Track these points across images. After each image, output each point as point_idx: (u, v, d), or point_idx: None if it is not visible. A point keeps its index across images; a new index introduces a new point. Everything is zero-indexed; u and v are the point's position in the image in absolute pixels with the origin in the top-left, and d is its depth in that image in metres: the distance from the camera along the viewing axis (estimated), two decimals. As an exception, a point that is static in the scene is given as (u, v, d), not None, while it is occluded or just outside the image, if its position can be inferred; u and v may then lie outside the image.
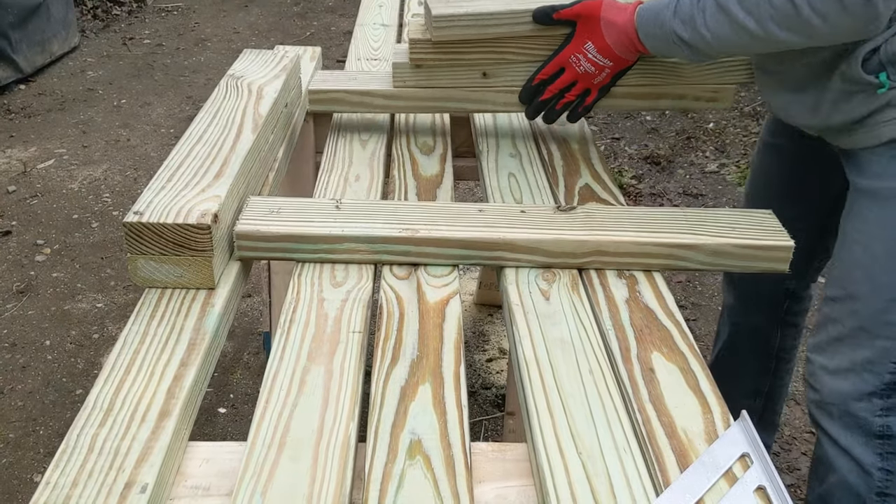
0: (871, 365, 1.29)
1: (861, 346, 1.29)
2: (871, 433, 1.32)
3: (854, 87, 1.21)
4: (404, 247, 1.16)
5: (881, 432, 1.31)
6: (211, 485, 0.85)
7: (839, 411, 1.33)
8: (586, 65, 1.39)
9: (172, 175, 1.17)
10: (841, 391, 1.32)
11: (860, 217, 1.27)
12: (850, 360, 1.31)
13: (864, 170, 1.27)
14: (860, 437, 1.33)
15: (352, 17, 4.24)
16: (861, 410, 1.31)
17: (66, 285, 2.83)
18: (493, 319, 2.71)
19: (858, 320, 1.28)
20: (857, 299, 1.28)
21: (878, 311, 1.27)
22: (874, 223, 1.25)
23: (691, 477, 0.84)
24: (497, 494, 0.86)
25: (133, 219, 1.06)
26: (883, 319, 1.27)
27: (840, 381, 1.32)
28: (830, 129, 1.30)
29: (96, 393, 0.91)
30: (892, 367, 1.28)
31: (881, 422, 1.31)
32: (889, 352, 1.28)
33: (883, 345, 1.27)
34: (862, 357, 1.29)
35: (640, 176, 3.61)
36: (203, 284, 1.08)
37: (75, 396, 2.34)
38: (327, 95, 1.57)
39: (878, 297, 1.26)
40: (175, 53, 5.04)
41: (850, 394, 1.31)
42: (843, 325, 1.30)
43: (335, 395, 0.93)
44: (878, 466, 1.33)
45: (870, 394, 1.30)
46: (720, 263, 1.18)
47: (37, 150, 3.75)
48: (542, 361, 1.00)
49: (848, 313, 1.29)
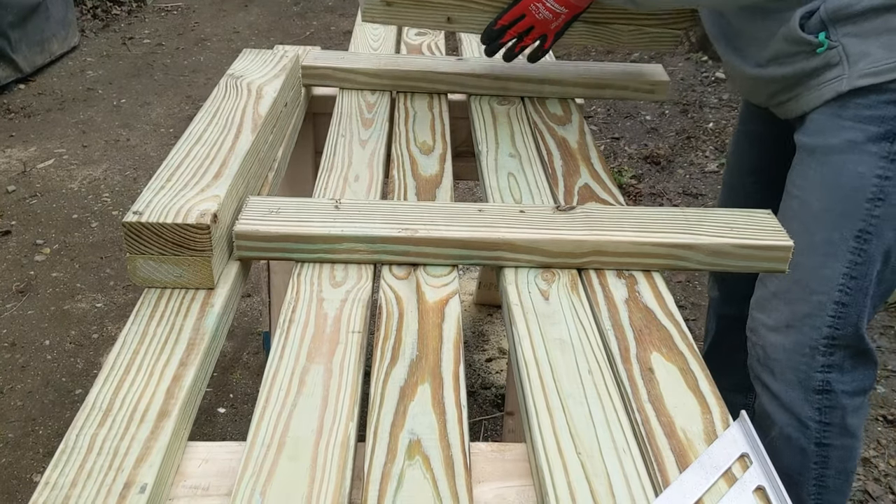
0: (810, 319, 1.31)
1: (799, 300, 1.31)
2: (811, 388, 1.35)
3: (794, 48, 1.25)
4: (403, 247, 1.17)
5: (820, 387, 1.34)
6: (210, 485, 0.85)
7: (781, 367, 1.36)
8: (544, 12, 1.49)
9: (172, 175, 1.17)
10: (783, 346, 1.35)
11: (801, 173, 1.30)
12: (788, 315, 1.33)
13: (806, 128, 1.30)
14: (800, 393, 1.35)
15: (351, 17, 4.24)
16: (802, 366, 1.34)
17: (66, 285, 2.83)
18: (492, 319, 2.71)
19: (795, 274, 1.29)
20: (793, 253, 1.29)
21: (814, 266, 1.29)
22: (812, 179, 1.27)
23: (690, 477, 0.84)
24: (496, 494, 0.86)
25: (132, 219, 1.06)
26: (819, 274, 1.29)
27: (781, 338, 1.34)
28: (779, 100, 1.33)
29: (95, 393, 0.91)
30: (829, 320, 1.31)
31: (821, 377, 1.34)
32: (825, 305, 1.30)
33: (819, 299, 1.30)
34: (801, 311, 1.31)
35: (639, 175, 3.61)
36: (202, 284, 1.08)
37: (74, 396, 2.34)
38: (317, 71, 1.72)
39: (813, 252, 1.28)
40: (175, 53, 5.04)
41: (792, 350, 1.34)
42: (780, 280, 1.32)
43: (334, 394, 0.93)
44: (817, 419, 1.36)
45: (811, 348, 1.32)
46: (719, 263, 1.18)
47: (36, 149, 3.75)
48: (541, 361, 1.00)
49: None
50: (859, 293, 1.31)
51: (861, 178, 1.25)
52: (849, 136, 1.25)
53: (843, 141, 1.25)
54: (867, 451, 2.19)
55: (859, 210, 1.27)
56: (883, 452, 2.18)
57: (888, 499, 2.05)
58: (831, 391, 1.35)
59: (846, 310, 1.31)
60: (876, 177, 1.25)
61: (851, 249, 1.28)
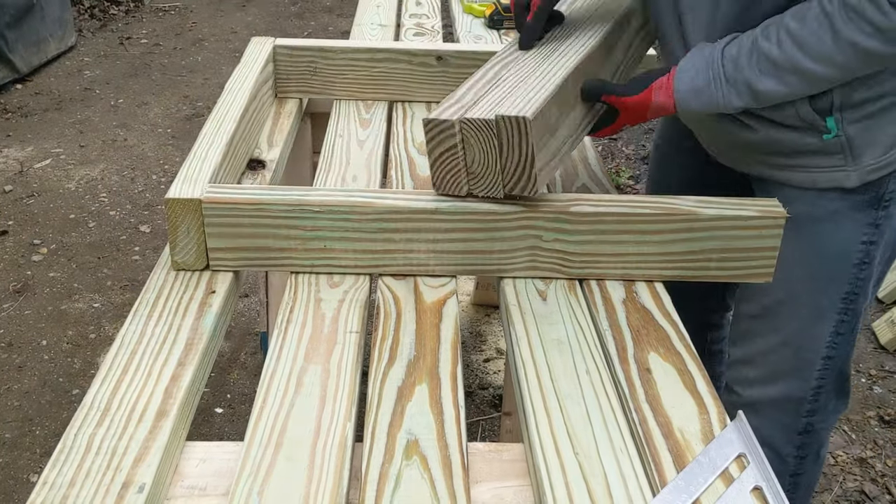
0: (798, 372, 1.34)
1: (787, 357, 1.33)
2: (794, 430, 1.38)
3: (798, 123, 1.19)
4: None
5: (803, 429, 1.38)
6: (208, 485, 0.85)
7: (765, 410, 1.38)
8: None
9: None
10: (769, 396, 1.37)
11: (783, 241, 1.27)
12: (775, 369, 1.35)
13: (784, 195, 1.24)
14: (782, 434, 1.38)
15: (349, 17, 4.24)
16: (789, 412, 1.37)
17: (63, 285, 2.82)
18: (490, 320, 2.71)
19: (781, 336, 1.32)
20: (778, 317, 1.32)
21: (801, 328, 1.31)
22: (796, 247, 1.26)
23: (688, 477, 0.84)
24: (494, 494, 0.86)
25: None
26: (807, 335, 1.31)
27: (769, 388, 1.37)
28: (751, 158, 1.29)
29: (94, 392, 0.91)
30: (817, 373, 1.33)
31: (805, 421, 1.37)
32: (813, 361, 1.33)
33: (807, 356, 1.33)
34: (789, 366, 1.34)
35: (636, 176, 3.61)
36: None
37: (72, 396, 2.34)
38: (294, 51, 1.66)
39: (799, 317, 1.31)
40: (172, 53, 5.03)
41: (778, 398, 1.36)
42: (767, 340, 1.34)
43: (332, 395, 0.94)
44: (794, 455, 1.40)
45: (798, 399, 1.35)
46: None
47: (34, 149, 3.74)
48: (538, 362, 1.00)
49: (770, 330, 1.33)
50: (846, 344, 1.34)
51: (847, 244, 1.26)
52: (833, 206, 1.24)
53: (828, 212, 1.25)
54: (864, 451, 2.19)
55: (846, 275, 1.27)
56: (879, 453, 2.19)
57: (885, 499, 2.05)
58: (812, 431, 1.38)
59: (833, 361, 1.34)
60: (862, 243, 1.25)
61: (839, 310, 1.30)
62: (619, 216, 1.13)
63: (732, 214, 1.13)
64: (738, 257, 1.16)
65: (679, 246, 1.15)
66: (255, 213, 1.11)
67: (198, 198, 1.11)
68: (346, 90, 1.69)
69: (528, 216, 1.12)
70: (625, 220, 1.13)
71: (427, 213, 1.12)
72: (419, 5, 2.37)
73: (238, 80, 1.50)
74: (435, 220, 1.13)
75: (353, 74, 1.67)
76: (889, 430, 2.27)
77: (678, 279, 1.18)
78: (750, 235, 1.14)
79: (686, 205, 1.14)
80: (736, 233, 1.14)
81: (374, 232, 1.13)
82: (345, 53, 1.66)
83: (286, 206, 1.11)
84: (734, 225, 1.14)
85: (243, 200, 1.11)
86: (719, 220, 1.13)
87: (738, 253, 1.16)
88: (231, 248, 1.13)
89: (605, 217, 1.13)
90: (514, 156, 1.07)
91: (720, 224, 1.14)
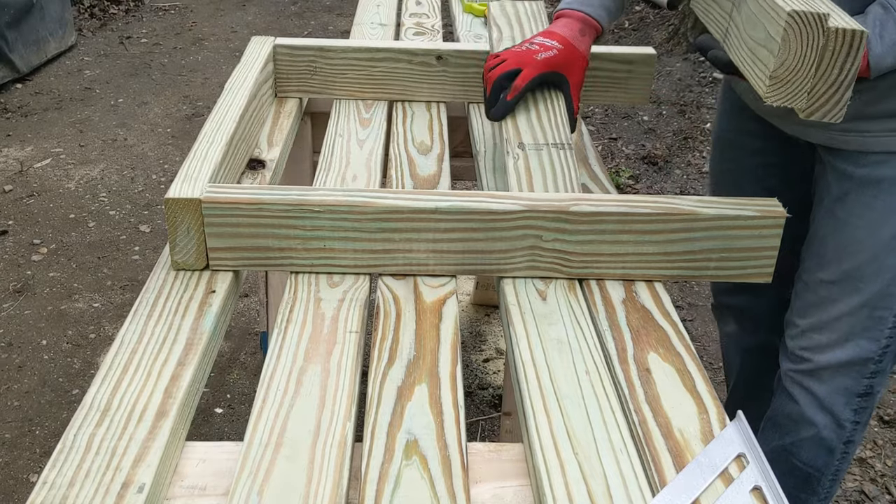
0: (869, 332, 1.36)
1: (862, 318, 1.35)
2: (855, 393, 1.40)
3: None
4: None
5: (864, 391, 1.40)
6: (207, 485, 0.85)
7: (831, 375, 1.40)
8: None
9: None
10: (838, 359, 1.39)
11: (864, 204, 1.30)
12: (848, 332, 1.37)
13: (858, 159, 1.29)
14: (843, 398, 1.41)
15: (349, 17, 4.24)
16: (853, 374, 1.39)
17: (63, 285, 2.82)
18: (489, 320, 2.71)
19: (862, 298, 1.34)
20: (862, 279, 1.33)
21: (881, 289, 1.33)
22: (879, 209, 1.29)
23: (687, 477, 0.84)
24: (493, 495, 0.86)
25: None
26: (885, 292, 1.33)
27: (838, 352, 1.39)
28: (847, 126, 1.27)
29: (93, 392, 0.91)
30: (888, 332, 1.36)
31: (867, 382, 1.39)
32: (886, 320, 1.35)
33: (881, 314, 1.35)
34: (861, 326, 1.36)
35: (637, 176, 3.61)
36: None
37: (72, 396, 2.34)
38: (294, 51, 1.66)
39: (882, 277, 1.32)
40: (172, 53, 5.03)
41: (847, 361, 1.38)
42: (845, 304, 1.36)
43: (332, 395, 0.94)
44: (852, 420, 1.42)
45: (866, 359, 1.37)
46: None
47: (33, 149, 3.75)
48: (538, 362, 1.00)
49: (850, 292, 1.34)
50: None
51: None
52: None
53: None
54: (864, 451, 2.19)
55: None
56: (879, 453, 2.19)
57: (885, 499, 2.05)
58: (871, 393, 1.41)
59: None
60: None
61: None
62: (619, 216, 1.13)
63: (732, 214, 1.13)
64: (738, 257, 1.16)
65: (679, 246, 1.15)
66: (254, 212, 1.11)
67: (198, 197, 1.11)
68: (346, 90, 1.69)
69: (528, 216, 1.12)
70: (625, 219, 1.13)
71: (427, 213, 1.12)
72: (419, 5, 2.37)
73: (238, 79, 1.50)
74: (435, 219, 1.13)
75: (353, 74, 1.67)
76: (889, 430, 2.27)
77: (678, 279, 1.18)
78: (750, 235, 1.14)
79: (686, 205, 1.14)
80: (736, 233, 1.14)
81: (374, 232, 1.13)
82: (345, 53, 1.66)
83: (286, 206, 1.11)
84: (734, 225, 1.14)
85: (243, 200, 1.11)
86: (719, 219, 1.13)
87: (738, 253, 1.16)
88: (231, 248, 1.13)
89: (605, 217, 1.13)
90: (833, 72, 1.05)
91: (720, 224, 1.14)
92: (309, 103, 1.77)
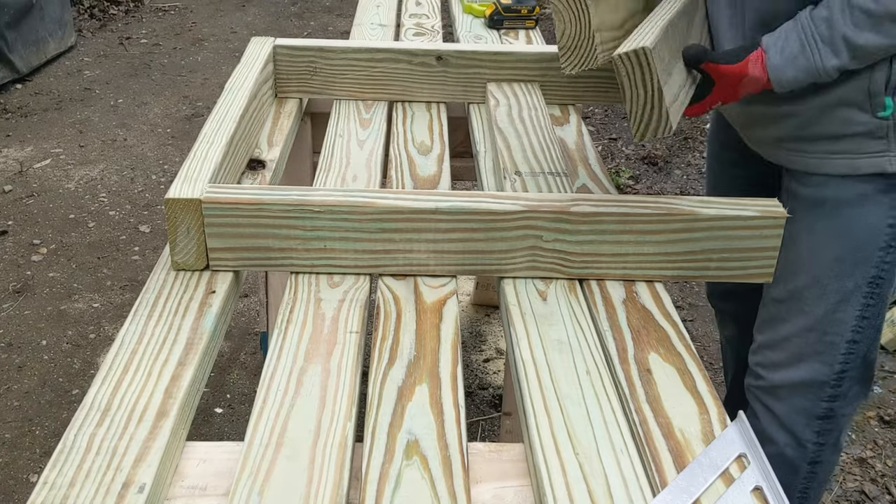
0: (821, 357, 1.35)
1: (812, 341, 1.35)
2: (815, 415, 1.39)
3: (857, 98, 1.20)
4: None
5: (824, 414, 1.39)
6: (208, 485, 0.85)
7: (787, 395, 1.40)
8: None
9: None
10: (792, 380, 1.38)
11: (807, 226, 1.30)
12: (800, 353, 1.36)
13: (802, 178, 1.29)
14: (803, 419, 1.40)
15: (349, 17, 4.24)
16: (810, 396, 1.38)
17: (63, 285, 2.82)
18: (490, 320, 2.71)
19: (808, 320, 1.34)
20: (804, 301, 1.33)
21: (826, 312, 1.33)
22: (821, 231, 1.29)
23: (688, 477, 0.84)
24: (494, 495, 0.86)
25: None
26: (831, 318, 1.33)
27: (791, 372, 1.38)
28: (786, 147, 1.30)
29: (94, 392, 0.91)
30: (841, 357, 1.35)
31: (826, 405, 1.39)
32: (838, 345, 1.34)
33: (832, 339, 1.34)
34: (814, 349, 1.35)
35: (637, 176, 3.61)
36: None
37: (72, 396, 2.34)
38: (294, 51, 1.66)
39: (825, 300, 1.32)
40: (172, 53, 5.03)
41: (801, 383, 1.38)
42: (793, 324, 1.36)
43: (332, 395, 0.94)
44: (814, 441, 1.42)
45: (821, 383, 1.37)
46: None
47: (33, 149, 3.74)
48: (539, 362, 1.00)
49: (796, 313, 1.35)
50: (871, 329, 1.35)
51: (873, 228, 1.27)
52: (859, 189, 1.25)
53: (855, 195, 1.26)
54: (864, 451, 2.19)
55: (872, 258, 1.28)
56: (880, 453, 2.19)
57: (885, 499, 2.05)
58: (833, 416, 1.39)
59: (857, 346, 1.35)
60: (888, 226, 1.27)
61: (865, 294, 1.31)
62: (620, 216, 1.13)
63: (732, 214, 1.13)
64: (738, 257, 1.16)
65: (679, 246, 1.15)
66: (255, 213, 1.11)
67: (198, 198, 1.10)
68: (346, 90, 1.69)
69: (529, 216, 1.12)
70: (625, 220, 1.13)
71: (427, 213, 1.12)
72: (419, 5, 2.37)
73: (238, 80, 1.50)
74: (435, 220, 1.13)
75: (353, 74, 1.67)
76: (889, 430, 2.27)
77: (678, 279, 1.18)
78: (750, 235, 1.14)
79: (686, 205, 1.14)
80: (736, 233, 1.14)
81: (374, 232, 1.13)
82: (345, 53, 1.66)
83: (286, 206, 1.11)
84: (734, 225, 1.14)
85: (243, 200, 1.11)
86: (719, 220, 1.13)
87: (738, 253, 1.16)
88: (231, 248, 1.13)
89: (606, 217, 1.13)
90: (638, 93, 1.06)
91: (720, 224, 1.14)
92: (309, 104, 1.77)
